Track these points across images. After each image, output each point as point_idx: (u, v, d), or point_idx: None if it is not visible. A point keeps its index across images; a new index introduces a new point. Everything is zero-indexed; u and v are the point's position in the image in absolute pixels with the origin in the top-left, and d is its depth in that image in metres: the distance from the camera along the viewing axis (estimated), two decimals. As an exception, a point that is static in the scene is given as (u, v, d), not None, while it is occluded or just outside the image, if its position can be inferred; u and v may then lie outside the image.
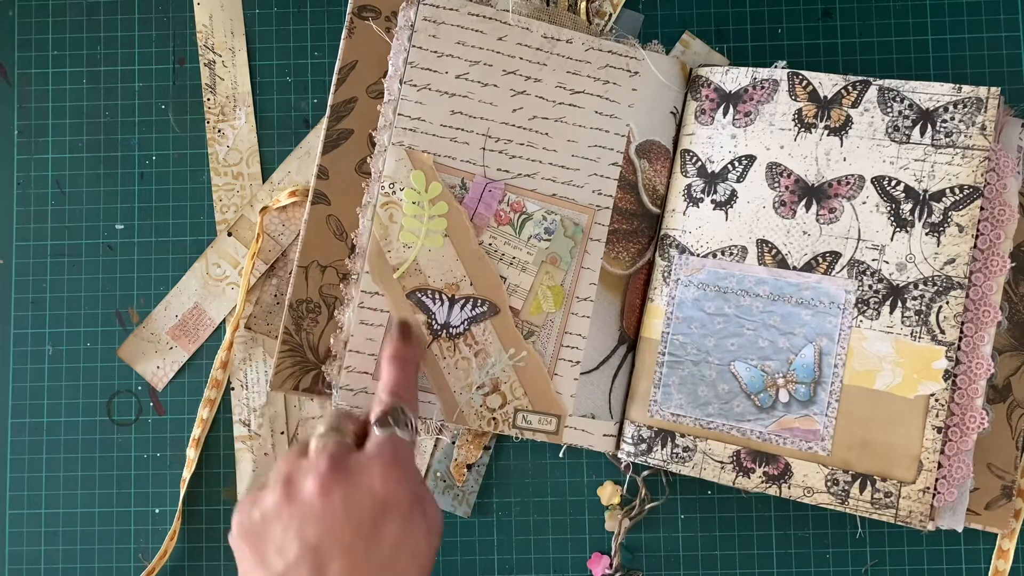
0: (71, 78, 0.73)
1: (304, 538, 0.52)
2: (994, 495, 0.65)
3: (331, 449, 0.55)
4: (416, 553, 0.54)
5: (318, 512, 0.53)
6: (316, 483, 0.53)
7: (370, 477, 0.54)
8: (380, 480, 0.54)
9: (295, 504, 0.53)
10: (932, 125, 0.63)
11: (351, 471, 0.54)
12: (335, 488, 0.53)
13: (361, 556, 0.52)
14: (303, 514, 0.53)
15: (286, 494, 0.54)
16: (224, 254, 0.71)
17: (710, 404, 0.65)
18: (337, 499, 0.53)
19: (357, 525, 0.53)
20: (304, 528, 0.53)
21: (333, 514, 0.53)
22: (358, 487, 0.53)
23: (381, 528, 0.53)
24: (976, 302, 0.63)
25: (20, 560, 0.70)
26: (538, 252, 0.66)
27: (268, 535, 0.53)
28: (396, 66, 0.66)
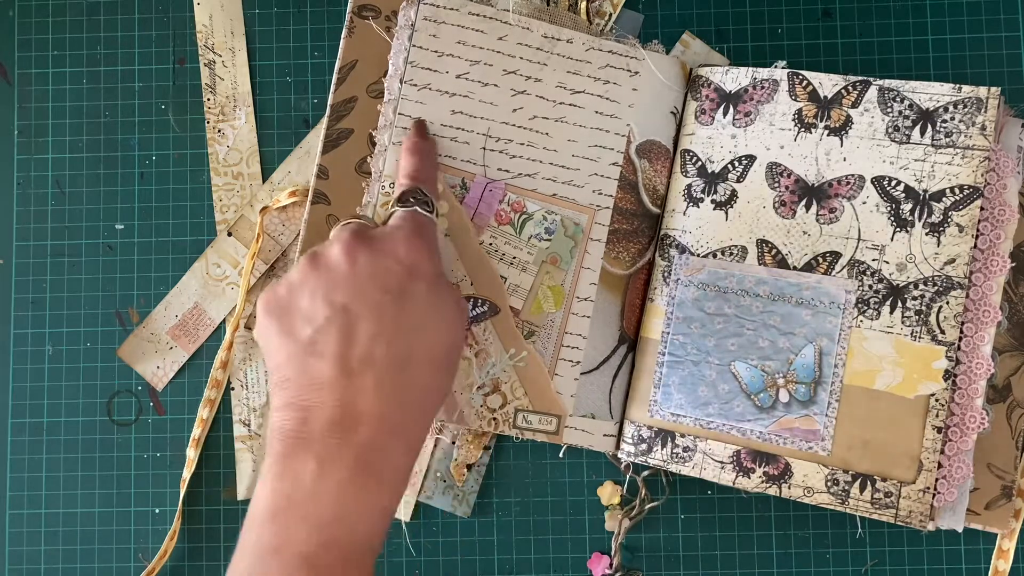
0: (71, 78, 0.73)
1: (332, 301, 0.52)
2: (994, 495, 0.65)
3: (353, 227, 0.55)
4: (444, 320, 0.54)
5: (344, 275, 0.53)
6: (341, 249, 0.53)
7: (394, 244, 0.54)
8: (404, 247, 0.54)
9: (321, 271, 0.53)
10: (932, 125, 0.63)
11: (375, 239, 0.54)
12: (360, 252, 0.53)
13: (390, 316, 0.52)
14: (329, 279, 0.53)
15: (311, 263, 0.54)
16: (224, 254, 0.71)
17: (710, 404, 0.65)
18: (363, 263, 0.53)
19: (384, 287, 0.53)
20: (331, 292, 0.52)
21: (359, 276, 0.53)
22: (383, 252, 0.54)
23: (408, 291, 0.53)
24: (976, 302, 0.63)
25: (20, 560, 0.70)
26: (538, 252, 0.66)
27: (295, 305, 0.53)
28: (396, 65, 0.66)
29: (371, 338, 0.52)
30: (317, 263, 0.54)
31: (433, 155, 0.62)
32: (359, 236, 0.54)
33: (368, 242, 0.54)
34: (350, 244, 0.54)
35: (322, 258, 0.54)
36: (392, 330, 0.52)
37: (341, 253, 0.53)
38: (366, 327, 0.52)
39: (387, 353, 0.52)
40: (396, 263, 0.54)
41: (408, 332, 0.52)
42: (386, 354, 0.52)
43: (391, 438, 0.52)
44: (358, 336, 0.52)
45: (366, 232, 0.55)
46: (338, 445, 0.51)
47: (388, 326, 0.52)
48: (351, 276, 0.53)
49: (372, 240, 0.54)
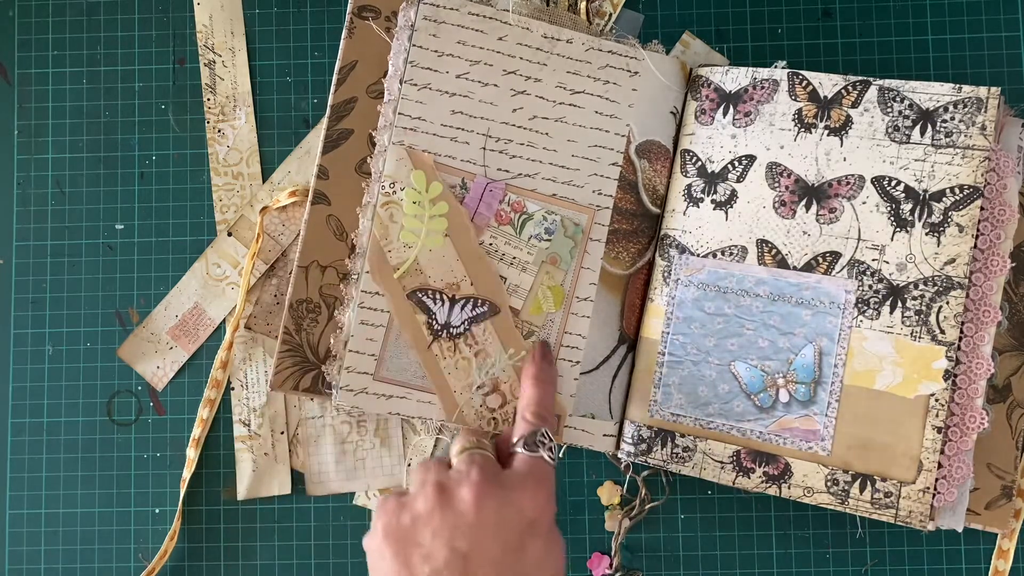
0: (71, 78, 0.73)
1: (454, 547, 0.53)
2: (994, 495, 0.65)
3: (480, 463, 0.56)
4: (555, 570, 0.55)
5: (471, 522, 0.53)
6: (471, 493, 0.54)
7: (521, 496, 0.55)
8: (531, 500, 0.55)
9: (448, 512, 0.54)
10: (932, 125, 0.63)
11: (504, 487, 0.55)
12: (489, 501, 0.54)
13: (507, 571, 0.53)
14: (455, 523, 0.53)
15: (440, 501, 0.54)
16: (224, 254, 0.71)
17: (710, 404, 0.65)
18: (490, 512, 0.54)
19: (505, 541, 0.53)
20: (455, 537, 0.53)
21: (485, 527, 0.53)
22: (509, 504, 0.54)
23: (526, 546, 0.54)
24: (976, 302, 0.63)
25: (20, 560, 0.70)
26: (538, 252, 0.66)
27: (416, 539, 0.54)
28: (396, 66, 0.66)
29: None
30: (445, 503, 0.54)
31: (555, 385, 0.63)
32: (489, 481, 0.55)
33: (498, 490, 0.55)
34: (480, 489, 0.54)
35: (451, 497, 0.54)
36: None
37: (471, 497, 0.54)
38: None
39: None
40: (520, 516, 0.54)
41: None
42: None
43: None
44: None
45: (496, 478, 0.55)
46: None
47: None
48: (477, 525, 0.53)
49: (501, 488, 0.55)
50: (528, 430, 0.59)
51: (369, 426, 0.70)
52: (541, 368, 0.63)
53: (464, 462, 0.56)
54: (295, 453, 0.70)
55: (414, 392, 0.65)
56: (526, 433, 0.59)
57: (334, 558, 0.70)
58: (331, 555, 0.70)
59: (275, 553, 0.70)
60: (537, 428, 0.59)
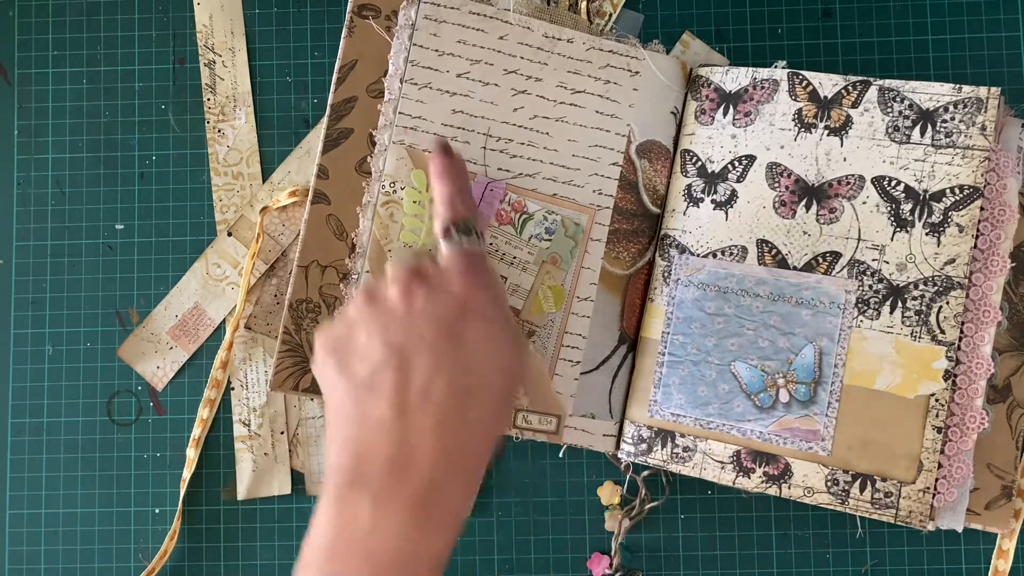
0: (71, 78, 0.73)
1: (388, 341, 0.53)
2: (994, 495, 0.65)
3: (404, 266, 0.55)
4: (500, 355, 0.54)
5: (401, 315, 0.53)
6: (397, 288, 0.54)
7: (448, 282, 0.54)
8: (458, 283, 0.54)
9: (377, 310, 0.54)
10: (932, 125, 0.63)
11: (430, 278, 0.55)
12: (416, 292, 0.54)
13: (445, 354, 0.52)
14: (386, 318, 0.53)
15: (368, 301, 0.54)
16: (224, 254, 0.71)
17: (710, 404, 0.65)
18: (419, 302, 0.53)
19: (439, 324, 0.53)
20: (387, 332, 0.53)
21: (415, 315, 0.53)
22: (438, 290, 0.54)
23: (463, 328, 0.53)
24: (976, 302, 0.63)
25: (20, 560, 0.70)
26: (539, 252, 0.66)
27: (351, 343, 0.54)
28: (397, 65, 0.66)
29: (428, 377, 0.52)
30: (374, 301, 0.54)
31: (463, 175, 0.62)
32: (416, 275, 0.55)
33: (423, 280, 0.54)
34: (407, 283, 0.54)
35: (379, 296, 0.54)
36: (449, 368, 0.52)
37: (398, 292, 0.54)
38: (423, 366, 0.52)
39: (444, 391, 0.52)
40: (451, 299, 0.54)
41: (464, 370, 0.53)
42: (443, 392, 0.52)
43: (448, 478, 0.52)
44: (415, 375, 0.52)
45: (422, 271, 0.55)
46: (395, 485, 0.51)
47: (445, 364, 0.52)
48: (407, 316, 0.53)
49: (427, 279, 0.55)
50: (442, 222, 0.58)
51: (369, 426, 0.70)
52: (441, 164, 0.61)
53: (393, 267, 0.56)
54: (295, 453, 0.70)
55: (414, 392, 0.65)
56: (441, 226, 0.58)
57: (334, 558, 0.70)
58: (331, 555, 0.70)
59: (275, 553, 0.70)
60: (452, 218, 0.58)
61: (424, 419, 0.51)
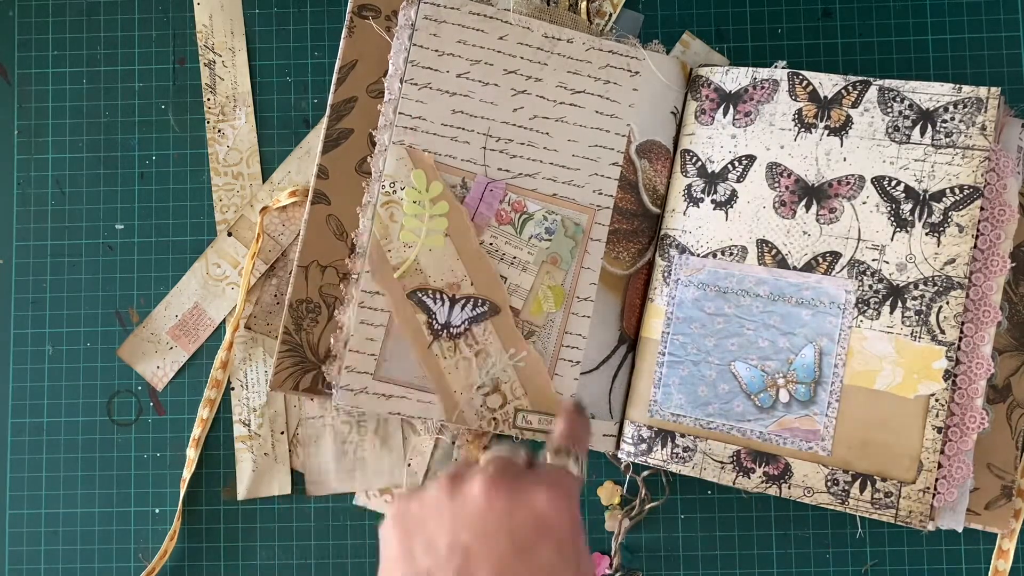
0: (71, 78, 0.73)
1: (457, 538, 0.51)
2: (994, 495, 0.65)
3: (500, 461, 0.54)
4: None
5: (477, 514, 0.51)
6: (481, 485, 0.52)
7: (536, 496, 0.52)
8: (545, 501, 0.52)
9: (457, 502, 0.52)
10: (932, 125, 0.63)
11: (518, 484, 0.52)
12: (499, 495, 0.51)
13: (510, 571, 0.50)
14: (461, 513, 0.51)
15: (449, 490, 0.52)
16: (224, 254, 0.71)
17: (710, 404, 0.65)
18: (499, 506, 0.51)
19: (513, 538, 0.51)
20: (459, 528, 0.51)
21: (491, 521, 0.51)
22: (522, 502, 0.52)
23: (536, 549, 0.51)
24: (976, 302, 0.63)
25: (20, 560, 0.70)
26: (539, 252, 0.66)
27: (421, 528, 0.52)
28: (397, 65, 0.66)
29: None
30: (454, 490, 0.52)
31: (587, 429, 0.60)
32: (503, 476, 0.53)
33: (511, 486, 0.52)
34: (491, 482, 0.52)
35: (461, 487, 0.52)
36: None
37: (480, 489, 0.52)
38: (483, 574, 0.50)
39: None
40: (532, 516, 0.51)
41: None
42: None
43: None
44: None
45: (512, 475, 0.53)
46: None
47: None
48: (483, 518, 0.51)
49: (516, 484, 0.52)
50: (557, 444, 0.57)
51: (369, 426, 0.70)
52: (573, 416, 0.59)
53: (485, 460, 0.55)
54: (295, 453, 0.70)
55: (414, 392, 0.65)
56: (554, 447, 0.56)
57: (334, 558, 0.70)
58: (331, 555, 0.70)
59: (275, 553, 0.70)
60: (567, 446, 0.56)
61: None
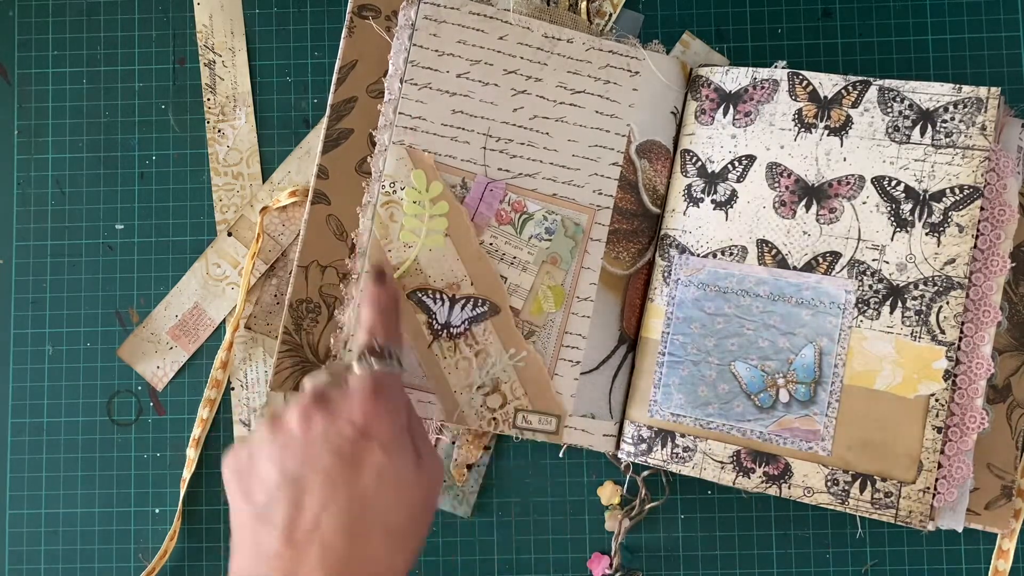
0: (71, 78, 0.73)
1: (284, 469, 0.52)
2: (994, 495, 0.65)
3: (312, 389, 0.55)
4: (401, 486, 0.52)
5: (298, 442, 0.53)
6: (297, 412, 0.53)
7: (349, 407, 0.53)
8: (359, 410, 0.53)
9: (278, 436, 0.53)
10: (932, 125, 0.63)
11: (332, 402, 0.54)
12: (314, 417, 0.53)
13: (340, 486, 0.51)
14: (284, 444, 0.53)
15: (270, 428, 0.54)
16: (224, 254, 0.71)
17: (710, 404, 0.65)
18: (317, 428, 0.53)
19: (336, 454, 0.52)
20: (285, 459, 0.52)
21: (312, 442, 0.52)
22: (337, 416, 0.53)
23: (361, 458, 0.52)
24: (976, 302, 0.63)
25: (20, 560, 0.70)
26: (539, 252, 0.66)
27: (254, 470, 0.53)
28: (397, 65, 0.66)
29: (319, 507, 0.51)
30: (276, 426, 0.54)
31: (392, 305, 0.60)
32: (316, 400, 0.54)
33: (324, 406, 0.53)
34: (306, 408, 0.53)
35: (280, 423, 0.54)
36: (343, 498, 0.51)
37: (297, 418, 0.53)
38: (315, 496, 0.51)
39: (334, 527, 0.51)
40: (350, 427, 0.52)
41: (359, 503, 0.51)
42: (333, 528, 0.51)
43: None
44: (306, 505, 0.51)
45: (325, 395, 0.54)
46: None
47: (338, 494, 0.51)
48: (304, 442, 0.52)
49: (328, 403, 0.54)
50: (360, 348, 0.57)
51: (369, 426, 0.70)
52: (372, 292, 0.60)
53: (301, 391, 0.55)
54: (295, 453, 0.70)
55: (414, 392, 0.65)
56: (357, 351, 0.57)
57: (334, 558, 0.70)
58: (331, 555, 0.70)
59: (275, 553, 0.70)
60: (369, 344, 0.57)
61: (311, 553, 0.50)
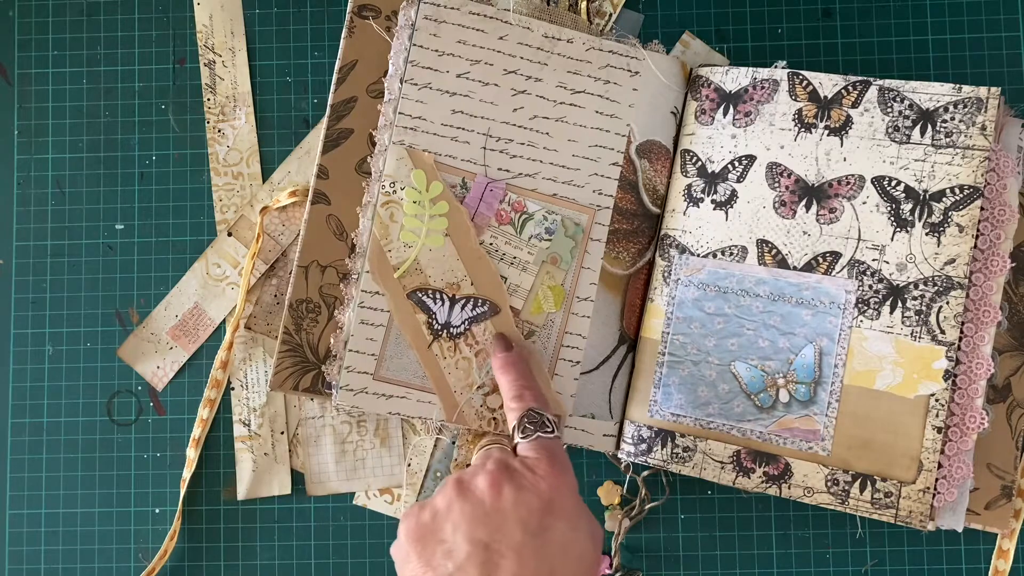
0: (71, 78, 0.73)
1: (474, 538, 0.52)
2: (994, 495, 0.65)
3: (496, 454, 0.56)
4: (582, 557, 0.54)
5: (488, 510, 0.53)
6: (486, 481, 0.54)
7: (535, 478, 0.54)
8: (546, 480, 0.54)
9: (466, 503, 0.53)
10: (932, 125, 0.63)
11: (518, 472, 0.55)
12: (505, 486, 0.54)
13: (530, 556, 0.52)
14: (473, 513, 0.53)
15: (457, 493, 0.54)
16: (224, 254, 0.71)
17: (710, 404, 0.65)
18: (507, 497, 0.53)
19: (526, 525, 0.53)
20: (474, 528, 0.53)
21: (503, 512, 0.53)
22: (525, 487, 0.54)
23: (548, 529, 0.53)
24: (976, 302, 0.63)
25: (20, 560, 0.70)
26: (539, 252, 0.66)
27: (438, 536, 0.53)
28: (397, 65, 0.66)
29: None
30: (463, 493, 0.54)
31: (525, 364, 0.63)
32: (504, 468, 0.55)
33: (512, 475, 0.55)
34: (496, 477, 0.54)
35: (468, 489, 0.54)
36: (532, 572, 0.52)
37: (486, 485, 0.54)
38: (507, 568, 0.52)
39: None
40: (538, 498, 0.54)
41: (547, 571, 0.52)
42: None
43: None
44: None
45: (511, 465, 0.55)
46: None
47: (528, 568, 0.52)
48: (495, 512, 0.53)
49: (516, 473, 0.55)
50: (516, 417, 0.59)
51: (369, 426, 0.70)
52: (503, 357, 0.63)
53: (480, 457, 0.57)
54: (295, 453, 0.70)
55: (414, 392, 0.65)
56: (516, 421, 0.59)
57: (334, 558, 0.70)
58: (331, 555, 0.70)
59: (275, 553, 0.70)
60: (523, 411, 0.59)
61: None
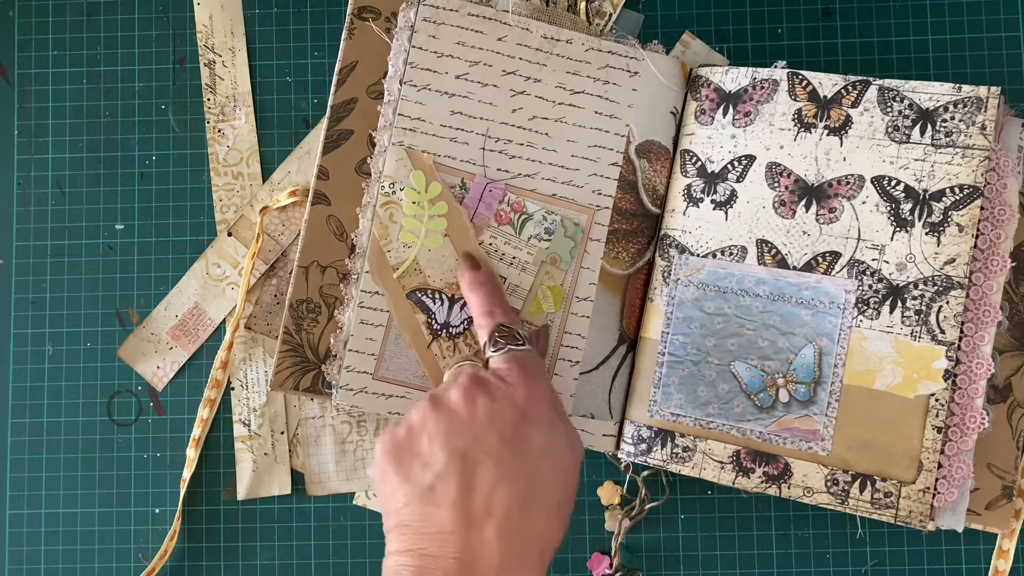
0: (71, 78, 0.73)
1: (451, 448, 0.53)
2: (994, 495, 0.65)
3: (467, 370, 0.56)
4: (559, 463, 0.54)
5: (463, 421, 0.53)
6: (459, 394, 0.54)
7: (508, 388, 0.55)
8: (519, 389, 0.55)
9: (440, 415, 0.54)
10: (932, 125, 0.63)
11: (491, 383, 0.55)
12: (478, 397, 0.54)
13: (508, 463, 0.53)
14: (448, 424, 0.54)
15: (431, 408, 0.55)
16: (224, 254, 0.71)
17: (710, 404, 0.65)
18: (481, 408, 0.54)
19: (501, 432, 0.53)
20: (450, 438, 0.53)
21: (478, 422, 0.53)
22: (498, 397, 0.54)
23: (524, 436, 0.54)
24: (976, 302, 0.63)
25: (20, 560, 0.70)
26: (538, 252, 0.66)
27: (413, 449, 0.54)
28: (396, 66, 0.66)
29: (490, 488, 0.52)
30: (437, 406, 0.55)
31: (493, 282, 0.63)
32: (476, 381, 0.55)
33: (485, 386, 0.55)
34: (469, 389, 0.55)
35: (442, 402, 0.55)
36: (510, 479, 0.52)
37: (460, 398, 0.54)
38: (485, 476, 0.52)
39: (506, 503, 0.52)
40: (512, 407, 0.54)
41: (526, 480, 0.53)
42: (505, 504, 0.52)
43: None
44: (477, 484, 0.52)
45: (483, 377, 0.56)
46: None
47: (506, 475, 0.52)
48: (470, 422, 0.54)
49: (488, 384, 0.55)
50: (487, 333, 0.59)
51: (369, 426, 0.70)
52: (472, 276, 0.63)
53: (452, 373, 0.57)
54: (295, 453, 0.70)
55: (414, 391, 0.65)
56: (486, 337, 0.59)
57: (334, 558, 0.70)
58: (331, 555, 0.70)
59: (275, 553, 0.70)
60: (493, 326, 0.59)
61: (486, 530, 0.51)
